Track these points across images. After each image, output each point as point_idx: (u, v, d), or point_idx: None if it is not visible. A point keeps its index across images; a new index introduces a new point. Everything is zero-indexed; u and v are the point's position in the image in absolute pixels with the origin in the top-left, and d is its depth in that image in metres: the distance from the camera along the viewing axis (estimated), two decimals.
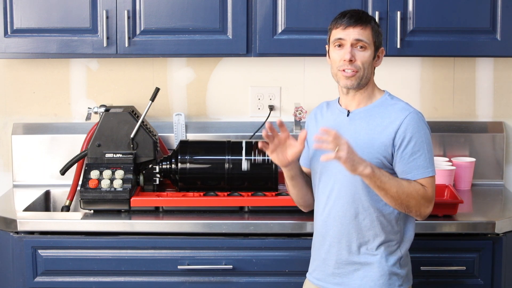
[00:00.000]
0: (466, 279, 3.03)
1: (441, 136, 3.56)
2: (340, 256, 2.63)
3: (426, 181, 2.55)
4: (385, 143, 2.56)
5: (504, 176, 3.58)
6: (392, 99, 2.64)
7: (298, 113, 3.49)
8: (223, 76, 3.60)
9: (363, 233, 2.59)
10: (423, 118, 2.59)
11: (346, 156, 2.42)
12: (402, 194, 2.52)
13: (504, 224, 3.01)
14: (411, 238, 2.65)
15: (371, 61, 2.61)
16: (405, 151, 2.54)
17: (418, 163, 2.54)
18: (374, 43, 2.60)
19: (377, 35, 2.61)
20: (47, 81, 3.60)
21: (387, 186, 2.51)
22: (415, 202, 2.53)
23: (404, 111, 2.58)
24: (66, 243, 3.04)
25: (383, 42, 2.68)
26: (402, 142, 2.54)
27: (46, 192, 3.50)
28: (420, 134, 2.55)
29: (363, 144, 2.57)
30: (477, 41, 3.23)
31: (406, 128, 2.54)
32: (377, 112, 2.61)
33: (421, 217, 2.59)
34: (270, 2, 3.21)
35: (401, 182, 2.53)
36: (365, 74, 2.59)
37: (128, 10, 3.22)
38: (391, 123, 2.56)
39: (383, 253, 2.58)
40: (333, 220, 2.63)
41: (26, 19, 3.23)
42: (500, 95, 3.59)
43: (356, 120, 2.62)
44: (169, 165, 3.25)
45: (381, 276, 2.58)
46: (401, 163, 2.55)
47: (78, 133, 3.54)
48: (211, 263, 3.02)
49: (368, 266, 2.59)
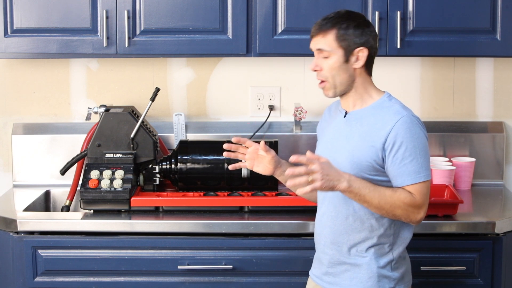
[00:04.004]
0: (466, 279, 3.03)
1: (441, 136, 3.56)
2: (332, 256, 2.63)
3: (415, 188, 2.50)
4: (376, 146, 2.52)
5: (504, 176, 3.58)
6: (390, 101, 2.59)
7: (298, 113, 3.49)
8: (223, 76, 3.60)
9: (353, 235, 2.58)
10: (417, 122, 2.53)
11: (321, 183, 2.42)
12: (385, 205, 2.50)
13: (504, 224, 3.01)
14: (407, 241, 2.61)
15: (341, 67, 2.55)
16: (396, 156, 2.50)
17: (409, 168, 2.49)
18: (341, 47, 2.54)
19: (344, 38, 2.53)
20: (47, 81, 3.60)
21: (367, 198, 2.50)
22: (401, 211, 2.50)
23: (396, 115, 2.52)
24: (66, 243, 3.04)
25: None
26: (393, 147, 2.50)
27: (46, 192, 3.50)
28: (413, 139, 2.49)
29: (355, 145, 2.55)
30: (477, 41, 3.23)
31: (397, 132, 2.50)
32: (372, 114, 2.57)
33: (413, 223, 2.55)
34: (270, 2, 3.21)
35: (385, 192, 2.50)
36: (337, 81, 2.56)
37: (128, 10, 3.22)
38: (383, 127, 2.52)
39: (372, 255, 2.57)
40: (327, 220, 2.64)
41: (26, 19, 3.23)
42: (500, 95, 3.59)
43: (351, 121, 2.61)
44: (169, 165, 3.25)
45: (370, 278, 2.57)
46: (392, 168, 2.51)
47: (78, 133, 3.54)
48: (211, 263, 3.02)
49: (357, 267, 2.59)
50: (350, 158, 2.55)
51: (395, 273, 2.59)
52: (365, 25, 2.57)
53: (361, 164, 2.53)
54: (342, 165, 2.55)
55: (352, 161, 2.55)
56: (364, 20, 2.58)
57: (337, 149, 2.60)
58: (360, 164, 2.53)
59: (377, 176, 2.54)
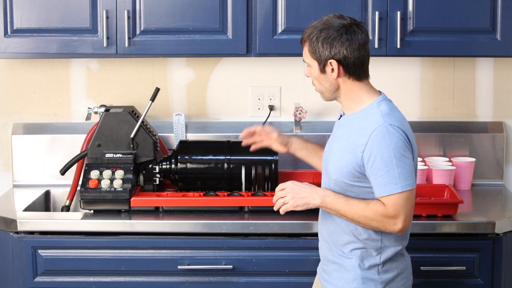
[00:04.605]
0: (466, 279, 3.03)
1: (441, 136, 3.56)
2: (326, 254, 2.66)
3: (389, 199, 2.47)
4: (355, 154, 2.51)
5: (504, 176, 3.58)
6: (378, 106, 2.54)
7: (298, 113, 3.49)
8: (223, 76, 3.60)
9: (341, 236, 2.60)
10: (395, 130, 2.47)
11: (292, 203, 2.56)
12: (359, 218, 2.51)
13: (504, 224, 3.01)
14: (398, 248, 2.59)
15: (320, 76, 2.56)
16: (373, 167, 2.48)
17: (385, 179, 2.46)
18: (315, 58, 2.55)
19: (314, 51, 2.53)
20: (47, 81, 3.60)
21: (342, 212, 2.53)
22: (376, 223, 2.50)
23: (373, 125, 2.49)
24: (66, 243, 3.04)
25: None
26: (369, 158, 2.48)
27: (46, 192, 3.50)
28: (388, 149, 2.46)
29: (340, 150, 2.56)
30: (477, 41, 3.23)
31: (372, 143, 2.47)
32: (358, 121, 2.55)
33: (396, 233, 2.52)
34: (270, 2, 3.21)
35: (358, 205, 2.51)
36: (322, 89, 2.59)
37: (128, 10, 3.22)
38: (363, 136, 2.50)
39: (357, 258, 2.57)
40: (322, 218, 2.67)
41: (26, 19, 3.23)
42: (500, 95, 3.59)
43: (342, 125, 2.61)
44: (169, 165, 3.25)
45: (354, 280, 2.58)
46: (371, 178, 2.50)
47: (78, 133, 3.54)
48: (211, 263, 3.02)
49: (343, 268, 2.60)
50: (335, 161, 2.57)
51: (383, 276, 2.57)
52: (339, 34, 2.50)
53: (341, 169, 2.54)
54: (330, 167, 2.59)
55: (335, 165, 2.57)
56: (339, 29, 2.51)
57: (330, 151, 2.63)
58: (341, 169, 2.54)
59: (357, 183, 2.54)
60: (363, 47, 2.54)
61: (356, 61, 2.53)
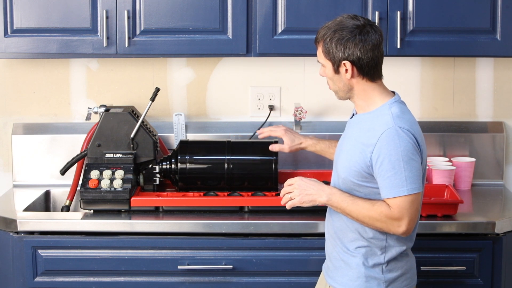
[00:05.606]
0: (466, 279, 3.03)
1: (441, 136, 3.56)
2: (331, 251, 2.67)
3: (394, 201, 2.48)
4: (364, 154, 2.51)
5: (504, 176, 3.58)
6: (389, 108, 2.55)
7: (298, 113, 3.49)
8: (223, 76, 3.60)
9: (346, 233, 2.61)
10: (404, 133, 2.48)
11: (299, 199, 2.59)
12: (364, 218, 2.52)
13: (504, 224, 3.01)
14: (403, 248, 2.60)
15: (334, 77, 2.57)
16: (381, 169, 2.48)
17: (391, 181, 2.48)
18: (329, 59, 2.55)
19: (328, 51, 2.54)
20: (47, 81, 3.60)
21: (347, 211, 2.54)
22: (380, 223, 2.51)
23: (383, 126, 2.50)
24: (66, 243, 3.04)
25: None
26: (378, 160, 2.48)
27: (46, 192, 3.50)
28: (396, 152, 2.47)
29: (349, 149, 2.57)
30: (477, 41, 3.23)
31: (381, 145, 2.48)
32: (369, 121, 2.56)
33: (399, 235, 2.53)
34: (270, 2, 3.21)
35: (363, 205, 2.52)
36: (336, 88, 2.60)
37: (128, 10, 3.22)
38: (373, 137, 2.51)
39: (362, 256, 2.58)
40: (329, 215, 2.69)
41: (26, 19, 3.23)
42: (500, 95, 3.59)
43: (353, 124, 2.62)
44: (169, 165, 3.24)
45: (358, 277, 2.58)
46: (379, 179, 2.51)
47: (78, 133, 3.54)
48: (211, 263, 3.02)
49: (348, 265, 2.61)
50: (344, 160, 2.58)
51: (387, 275, 2.58)
52: (352, 35, 2.51)
53: (350, 168, 2.55)
54: (339, 166, 2.59)
55: (343, 164, 2.58)
56: (353, 30, 2.51)
57: (340, 149, 2.65)
58: (350, 168, 2.55)
59: (365, 183, 2.55)
60: (377, 47, 2.54)
61: (370, 62, 2.53)
